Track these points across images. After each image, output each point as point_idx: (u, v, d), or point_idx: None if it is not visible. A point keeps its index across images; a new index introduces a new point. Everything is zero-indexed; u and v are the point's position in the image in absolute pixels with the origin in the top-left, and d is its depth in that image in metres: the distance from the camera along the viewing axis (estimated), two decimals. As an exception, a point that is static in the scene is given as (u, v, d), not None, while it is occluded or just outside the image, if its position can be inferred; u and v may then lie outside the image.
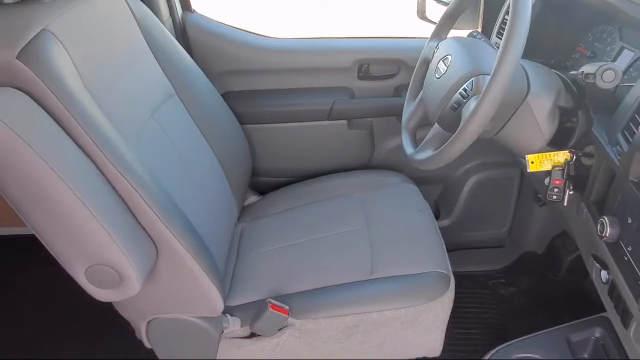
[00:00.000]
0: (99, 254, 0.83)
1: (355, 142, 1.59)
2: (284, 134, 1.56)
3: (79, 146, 0.82)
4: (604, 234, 0.81)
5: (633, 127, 0.81)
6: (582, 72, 0.89)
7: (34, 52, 0.80)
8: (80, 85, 0.86)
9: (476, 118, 0.88)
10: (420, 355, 1.18)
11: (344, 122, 1.55)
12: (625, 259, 0.77)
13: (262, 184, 1.65)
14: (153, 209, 0.90)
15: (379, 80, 1.54)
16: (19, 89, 0.78)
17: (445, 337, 1.17)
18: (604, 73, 0.84)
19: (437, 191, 1.75)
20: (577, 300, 1.52)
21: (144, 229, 0.91)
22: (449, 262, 1.18)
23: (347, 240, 1.25)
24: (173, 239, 0.93)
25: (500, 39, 1.12)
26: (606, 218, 0.81)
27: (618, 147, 0.84)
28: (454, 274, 1.19)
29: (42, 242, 0.84)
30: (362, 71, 1.53)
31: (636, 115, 0.82)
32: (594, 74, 0.84)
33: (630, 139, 0.80)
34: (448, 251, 1.22)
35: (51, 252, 0.85)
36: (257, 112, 1.53)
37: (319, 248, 1.25)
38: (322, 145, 1.58)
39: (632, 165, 0.77)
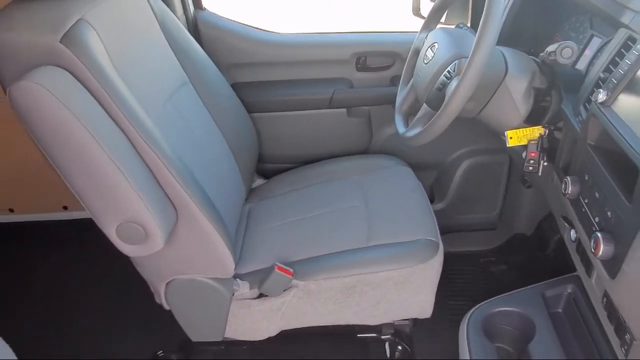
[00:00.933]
0: (128, 212, 0.97)
1: (354, 129, 1.72)
2: (288, 122, 1.70)
3: (112, 118, 0.96)
4: (566, 192, 0.94)
5: (592, 98, 0.94)
6: (547, 51, 1.02)
7: (73, 37, 0.94)
8: (111, 67, 1.00)
9: (457, 96, 1.01)
10: (412, 316, 1.31)
11: (344, 110, 1.69)
12: (583, 210, 0.90)
13: (268, 170, 1.78)
14: (175, 176, 1.03)
15: (376, 71, 1.68)
16: (62, 67, 0.92)
17: (436, 305, 1.29)
18: (563, 50, 0.97)
19: (432, 177, 1.88)
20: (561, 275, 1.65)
21: (166, 194, 1.04)
22: (438, 231, 1.31)
23: (346, 215, 1.38)
24: (192, 204, 1.06)
25: None
26: (569, 178, 0.94)
27: (580, 117, 0.97)
28: (448, 253, 1.31)
29: (81, 202, 0.97)
30: (360, 63, 1.66)
31: (594, 89, 0.95)
32: (555, 52, 0.98)
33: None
34: (442, 233, 1.34)
35: (88, 211, 0.98)
36: (263, 101, 1.66)
37: (320, 222, 1.38)
38: (323, 132, 1.72)
39: (589, 130, 0.90)
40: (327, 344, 1.46)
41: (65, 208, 1.95)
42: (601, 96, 0.87)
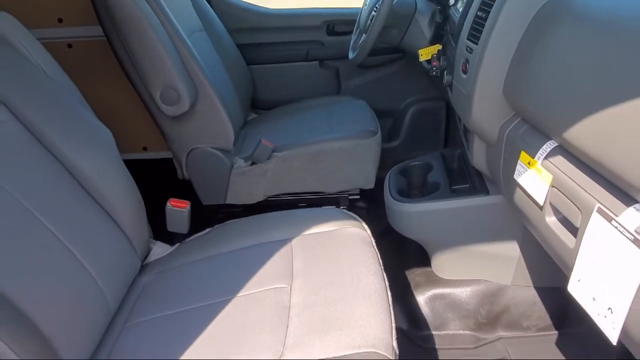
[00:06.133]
0: (168, 79, 1.65)
1: (325, 79, 2.44)
2: (275, 71, 2.42)
3: (160, 22, 1.66)
4: (442, 64, 1.62)
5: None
6: None
7: None
8: (160, -4, 1.72)
9: (376, 22, 1.72)
10: (360, 186, 1.95)
11: (317, 63, 2.41)
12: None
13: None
14: (197, 67, 1.73)
15: (342, 35, 2.41)
16: None
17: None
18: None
19: (390, 122, 2.55)
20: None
21: (191, 78, 1.73)
22: (378, 125, 1.97)
23: (314, 120, 2.07)
24: (208, 86, 1.75)
25: None
26: (441, 57, 1.63)
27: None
28: None
29: (141, 73, 1.65)
30: (329, 29, 2.40)
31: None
32: None
33: (452, 17, 1.63)
34: None
35: (145, 81, 1.66)
36: (257, 56, 2.39)
37: (295, 125, 2.06)
38: (301, 80, 2.43)
39: (450, 27, 1.60)
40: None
41: None
42: (452, 2, 1.57)
